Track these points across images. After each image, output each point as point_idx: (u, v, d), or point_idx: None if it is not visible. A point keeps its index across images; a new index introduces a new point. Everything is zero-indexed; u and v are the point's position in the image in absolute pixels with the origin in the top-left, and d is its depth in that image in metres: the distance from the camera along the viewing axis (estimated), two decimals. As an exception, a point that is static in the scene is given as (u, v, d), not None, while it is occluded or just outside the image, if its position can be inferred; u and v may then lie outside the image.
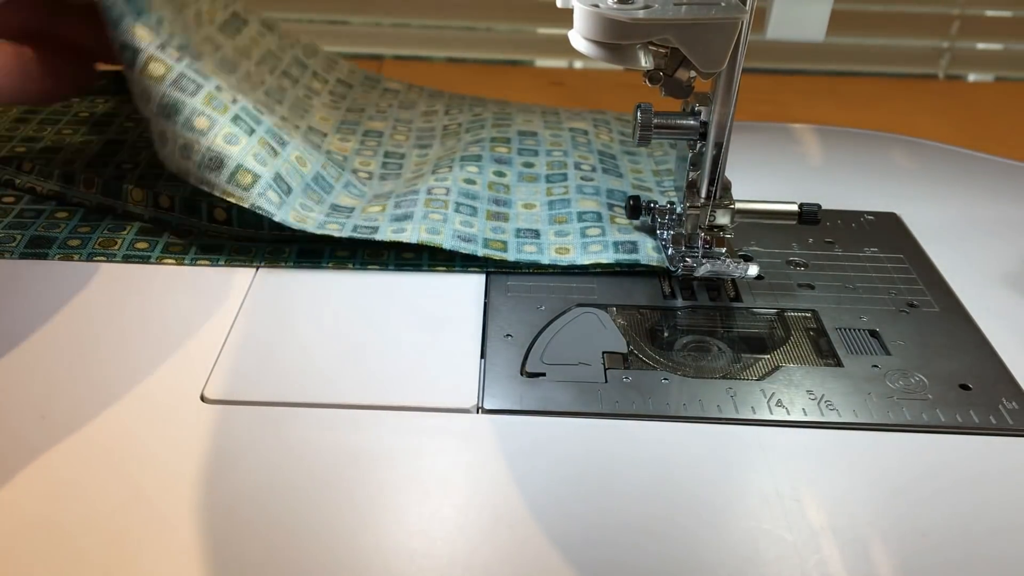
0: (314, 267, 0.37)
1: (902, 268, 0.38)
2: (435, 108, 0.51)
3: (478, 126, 0.48)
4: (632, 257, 0.37)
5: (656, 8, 0.30)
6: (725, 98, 0.34)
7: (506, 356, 0.32)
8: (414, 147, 0.47)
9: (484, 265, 0.37)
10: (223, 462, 0.27)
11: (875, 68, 0.76)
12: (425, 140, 0.47)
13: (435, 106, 0.52)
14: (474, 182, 0.41)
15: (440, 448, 0.28)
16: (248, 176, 0.36)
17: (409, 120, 0.50)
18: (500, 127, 0.47)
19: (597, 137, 0.47)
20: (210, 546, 0.25)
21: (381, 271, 0.37)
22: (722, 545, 0.25)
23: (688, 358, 0.33)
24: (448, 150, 0.46)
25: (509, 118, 0.49)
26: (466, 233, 0.38)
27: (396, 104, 0.52)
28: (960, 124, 0.61)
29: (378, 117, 0.50)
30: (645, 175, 0.45)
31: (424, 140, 0.47)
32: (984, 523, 0.26)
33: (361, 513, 0.26)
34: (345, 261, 0.37)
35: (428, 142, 0.47)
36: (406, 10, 0.74)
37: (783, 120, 0.56)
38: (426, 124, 0.49)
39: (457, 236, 0.37)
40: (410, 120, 0.50)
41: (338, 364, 0.31)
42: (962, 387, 0.31)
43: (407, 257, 0.37)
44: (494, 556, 0.25)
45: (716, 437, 0.29)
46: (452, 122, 0.49)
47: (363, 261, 0.37)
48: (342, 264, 0.37)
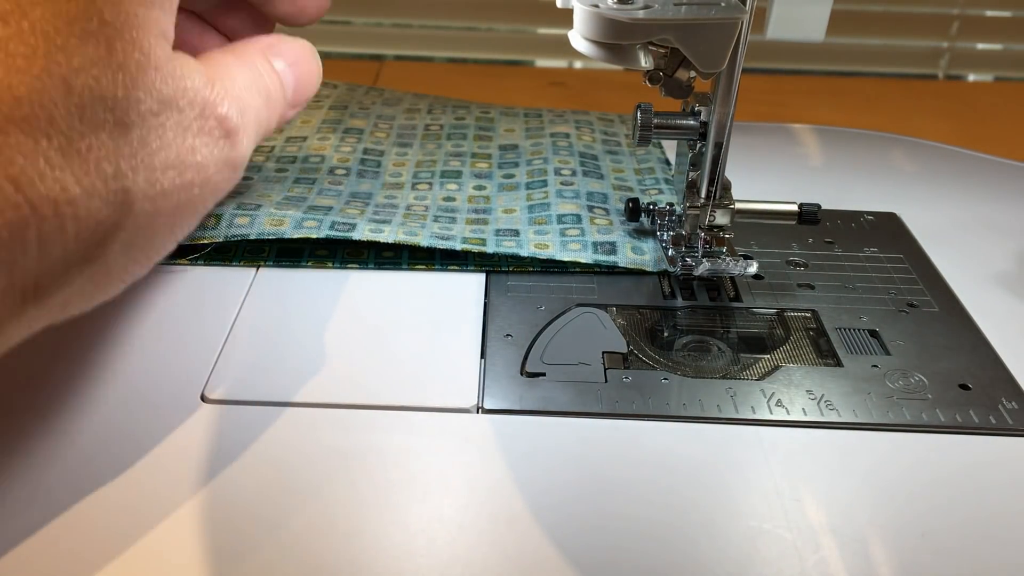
0: (296, 266, 0.37)
1: (902, 268, 0.38)
2: (418, 107, 0.52)
3: (460, 134, 0.49)
4: (611, 259, 0.37)
5: (656, 8, 0.30)
6: (725, 98, 0.34)
7: (506, 356, 0.32)
8: (394, 145, 0.47)
9: (464, 262, 0.37)
10: (223, 462, 0.27)
11: (875, 68, 0.76)
12: (406, 139, 0.48)
13: (419, 104, 0.52)
14: (453, 199, 0.42)
15: (440, 448, 0.28)
16: (213, 219, 0.37)
17: (391, 117, 0.50)
18: (481, 140, 0.48)
19: (579, 139, 0.48)
20: (210, 546, 0.25)
21: (381, 271, 0.37)
22: (722, 544, 0.25)
23: (688, 358, 0.33)
24: (428, 155, 0.46)
25: (491, 127, 0.50)
26: (445, 234, 0.38)
27: (380, 101, 0.52)
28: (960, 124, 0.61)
29: (360, 115, 0.50)
30: (627, 174, 0.45)
31: (405, 139, 0.48)
32: (984, 523, 0.26)
33: (361, 513, 0.26)
34: (325, 260, 0.37)
35: (408, 141, 0.48)
36: (407, 10, 0.74)
37: (783, 120, 0.56)
38: (408, 122, 0.50)
39: (435, 236, 0.37)
40: (392, 117, 0.50)
41: (338, 364, 0.31)
42: (962, 387, 0.31)
43: (387, 256, 0.38)
44: (494, 556, 0.25)
45: (716, 437, 0.29)
46: (434, 123, 0.50)
47: (343, 260, 0.37)
48: (321, 263, 0.37)
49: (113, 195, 0.24)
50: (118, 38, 0.23)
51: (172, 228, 0.27)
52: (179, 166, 0.26)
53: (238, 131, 0.27)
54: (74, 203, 0.23)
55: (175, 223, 0.27)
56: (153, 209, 0.25)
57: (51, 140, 0.22)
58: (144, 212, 0.25)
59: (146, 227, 0.25)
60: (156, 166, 0.25)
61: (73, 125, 0.23)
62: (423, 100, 0.53)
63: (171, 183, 0.26)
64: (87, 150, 0.23)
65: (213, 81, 0.26)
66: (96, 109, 0.23)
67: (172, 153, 0.25)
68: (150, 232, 0.26)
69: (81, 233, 0.23)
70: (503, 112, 0.52)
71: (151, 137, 0.25)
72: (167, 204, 0.26)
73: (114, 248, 0.24)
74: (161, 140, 0.25)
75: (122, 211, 0.24)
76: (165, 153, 0.25)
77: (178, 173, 0.26)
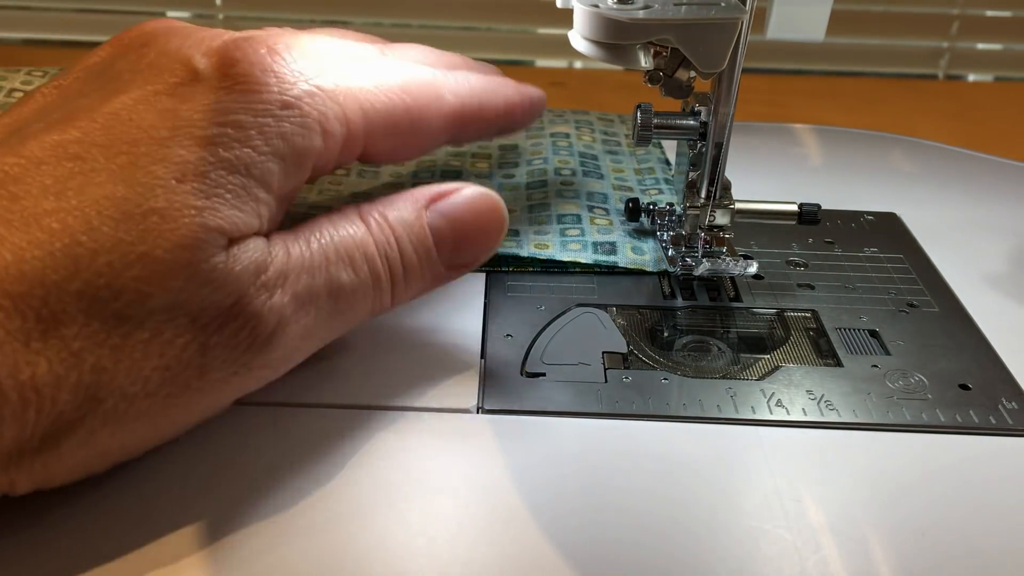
0: None
1: (902, 268, 0.38)
2: None
3: None
4: (611, 259, 0.37)
5: (656, 8, 0.30)
6: (725, 98, 0.34)
7: (506, 356, 0.32)
8: None
9: None
10: (224, 462, 0.27)
11: (875, 68, 0.76)
12: None
13: None
14: None
15: (440, 448, 0.28)
16: None
17: None
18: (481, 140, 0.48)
19: (579, 139, 0.48)
20: (209, 548, 0.25)
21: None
22: (722, 545, 0.25)
23: (688, 358, 0.33)
24: (428, 154, 0.46)
25: None
26: None
27: None
28: (960, 124, 0.61)
29: None
30: (627, 174, 0.45)
31: None
32: (984, 523, 0.26)
33: (361, 513, 0.26)
34: None
35: None
36: (406, 10, 0.74)
37: (783, 120, 0.56)
38: None
39: None
40: None
41: (338, 364, 0.31)
42: (962, 387, 0.31)
43: None
44: (494, 556, 0.25)
45: (716, 437, 0.29)
46: None
47: None
48: None
49: (85, 390, 0.21)
50: (158, 229, 0.22)
51: (157, 427, 0.24)
52: (175, 365, 0.23)
53: (276, 334, 0.24)
54: (41, 392, 0.21)
55: (161, 423, 0.24)
56: (129, 409, 0.23)
57: (39, 321, 0.21)
58: (117, 411, 0.22)
59: (115, 426, 0.23)
60: (144, 364, 0.22)
61: (66, 309, 0.21)
62: None
63: (159, 382, 0.23)
64: (72, 337, 0.21)
65: (267, 265, 0.24)
66: (97, 297, 0.21)
67: (170, 351, 0.22)
68: (121, 431, 0.23)
69: (41, 423, 0.21)
70: None
71: (149, 334, 0.22)
72: (149, 405, 0.23)
73: (70, 442, 0.22)
74: (160, 337, 0.22)
75: (88, 408, 0.22)
76: (160, 350, 0.22)
77: (171, 373, 0.23)
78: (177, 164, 0.23)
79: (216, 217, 0.23)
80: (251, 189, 0.24)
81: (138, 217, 0.22)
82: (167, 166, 0.23)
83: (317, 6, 0.74)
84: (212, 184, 0.23)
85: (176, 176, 0.22)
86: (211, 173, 0.23)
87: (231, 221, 0.23)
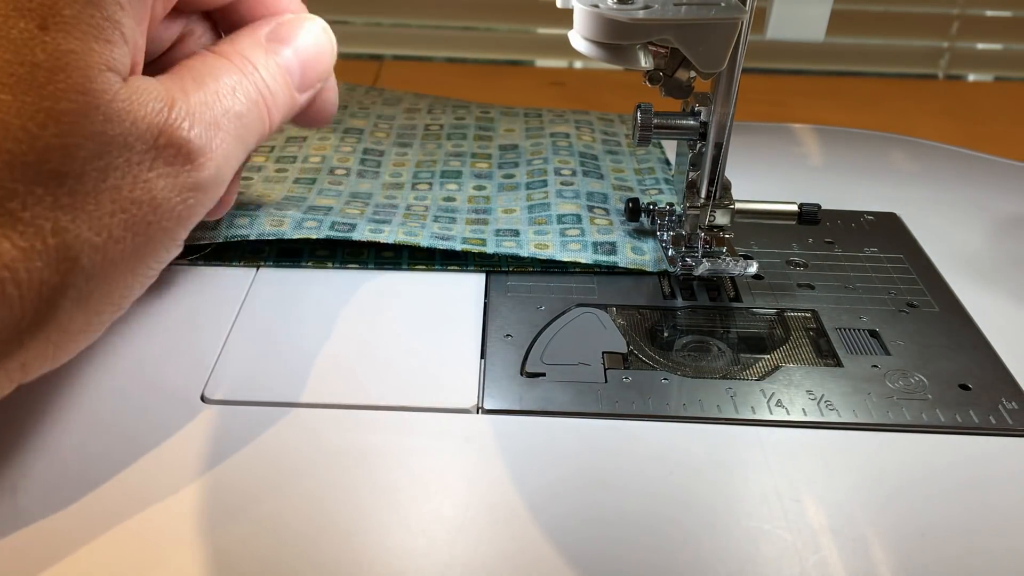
0: (296, 267, 0.37)
1: (902, 268, 0.38)
2: (418, 107, 0.52)
3: (460, 134, 0.49)
4: (611, 259, 0.37)
5: (656, 8, 0.30)
6: (725, 98, 0.34)
7: (506, 356, 0.32)
8: (394, 145, 0.47)
9: (465, 262, 0.37)
10: (223, 463, 0.27)
11: (875, 68, 0.76)
12: (406, 139, 0.48)
13: (418, 104, 0.52)
14: (454, 199, 0.42)
15: (440, 448, 0.28)
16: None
17: (391, 116, 0.50)
18: (481, 140, 0.48)
19: (579, 139, 0.48)
20: (210, 547, 0.25)
21: (381, 272, 0.37)
22: (722, 545, 0.25)
23: (688, 358, 0.33)
24: (428, 154, 0.46)
25: (491, 126, 0.50)
26: (445, 234, 0.38)
27: (380, 101, 0.52)
28: (960, 124, 0.61)
29: (360, 115, 0.50)
30: (627, 174, 0.45)
31: (405, 139, 0.48)
32: (984, 523, 0.26)
33: (361, 513, 0.26)
34: (325, 260, 0.37)
35: (408, 141, 0.48)
36: (406, 10, 0.74)
37: (783, 120, 0.56)
38: (408, 122, 0.50)
39: (435, 236, 0.37)
40: (392, 116, 0.50)
41: (338, 364, 0.31)
42: (962, 387, 0.31)
43: (387, 256, 0.38)
44: (494, 556, 0.25)
45: (716, 437, 0.29)
46: (434, 122, 0.50)
47: (343, 260, 0.37)
48: (321, 263, 0.37)
49: (55, 252, 0.22)
50: (50, 82, 0.22)
51: (134, 271, 0.25)
52: (130, 207, 0.24)
53: (203, 152, 0.25)
54: (12, 267, 0.21)
55: (136, 266, 0.25)
56: (104, 259, 0.23)
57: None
58: (93, 264, 0.23)
59: (99, 278, 0.23)
60: (102, 213, 0.23)
61: (2, 184, 0.21)
62: (423, 100, 0.53)
63: (122, 227, 0.23)
64: (21, 208, 0.21)
65: (173, 102, 0.25)
66: (28, 163, 0.21)
67: (120, 195, 0.23)
68: (106, 282, 0.24)
69: (25, 296, 0.21)
70: (503, 112, 0.52)
71: (92, 183, 0.23)
72: (120, 250, 0.24)
73: (65, 306, 0.23)
74: (105, 183, 0.23)
75: (67, 267, 0.22)
76: (111, 196, 0.23)
77: (129, 215, 0.24)
78: (32, 10, 0.22)
79: (94, 55, 0.23)
80: (110, 16, 0.23)
81: (26, 77, 0.22)
82: (24, 16, 0.22)
83: (317, 6, 0.74)
84: (74, 23, 0.22)
85: (38, 24, 0.22)
86: (65, 11, 0.22)
87: (110, 55, 0.23)
